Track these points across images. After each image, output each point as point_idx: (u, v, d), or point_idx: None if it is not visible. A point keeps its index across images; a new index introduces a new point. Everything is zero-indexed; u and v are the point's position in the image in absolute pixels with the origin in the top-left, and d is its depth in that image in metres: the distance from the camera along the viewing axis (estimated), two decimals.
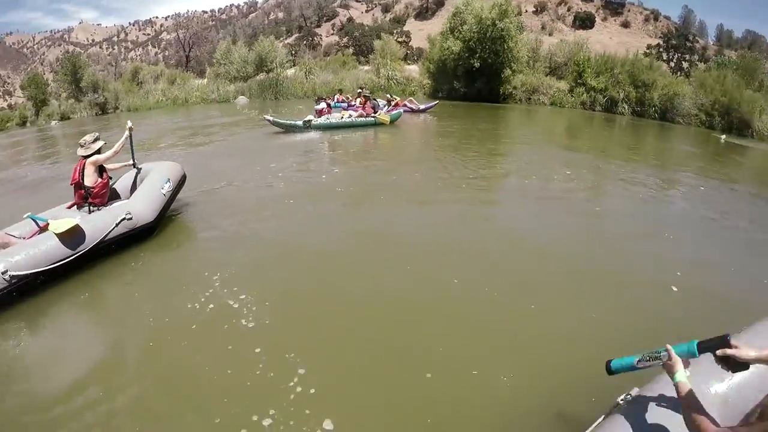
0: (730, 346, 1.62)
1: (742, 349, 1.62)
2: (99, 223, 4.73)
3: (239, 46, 39.49)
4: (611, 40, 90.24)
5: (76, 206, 5.23)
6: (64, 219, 4.59)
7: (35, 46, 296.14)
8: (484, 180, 8.55)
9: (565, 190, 8.18)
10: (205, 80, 40.30)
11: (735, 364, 1.65)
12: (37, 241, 4.38)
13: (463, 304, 4.26)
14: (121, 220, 4.85)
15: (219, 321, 3.87)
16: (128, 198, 5.60)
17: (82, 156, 5.22)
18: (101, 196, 5.25)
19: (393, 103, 19.23)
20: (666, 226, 6.54)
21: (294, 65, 46.68)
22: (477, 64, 28.65)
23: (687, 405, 1.63)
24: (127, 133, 5.74)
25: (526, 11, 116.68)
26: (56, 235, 4.36)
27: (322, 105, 14.68)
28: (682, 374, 1.71)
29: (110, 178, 5.42)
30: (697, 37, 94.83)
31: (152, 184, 5.60)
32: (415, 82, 33.64)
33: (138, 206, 5.16)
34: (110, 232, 4.74)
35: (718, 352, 1.66)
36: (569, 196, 7.79)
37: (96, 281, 4.53)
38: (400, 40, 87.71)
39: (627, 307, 4.19)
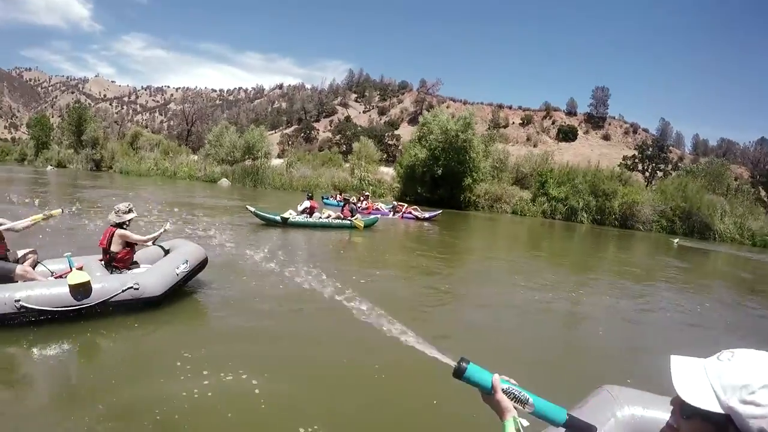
0: None
1: None
2: (107, 285, 5.09)
3: (231, 132, 41.23)
4: (592, 151, 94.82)
5: (104, 262, 5.78)
6: (82, 272, 5.00)
7: (50, 88, 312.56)
8: (450, 293, 8.38)
9: (539, 302, 8.05)
10: (197, 157, 41.97)
11: None
12: (51, 284, 4.89)
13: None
14: (128, 288, 5.15)
15: (218, 397, 3.73)
16: (152, 264, 6.06)
17: (114, 223, 5.67)
18: (124, 261, 5.73)
19: (401, 209, 20.09)
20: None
21: (283, 155, 48.45)
22: (439, 172, 30.02)
23: None
24: (162, 231, 6.23)
25: (513, 123, 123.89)
26: (69, 285, 4.80)
27: (306, 204, 14.93)
28: (512, 425, 1.22)
29: (135, 244, 5.89)
30: (672, 147, 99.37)
31: (169, 262, 5.87)
32: (386, 185, 35.12)
33: (148, 279, 5.43)
34: (115, 296, 5.07)
35: None
36: (546, 311, 7.68)
37: (96, 333, 4.80)
38: (390, 143, 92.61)
39: None
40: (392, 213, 19.96)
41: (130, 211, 5.77)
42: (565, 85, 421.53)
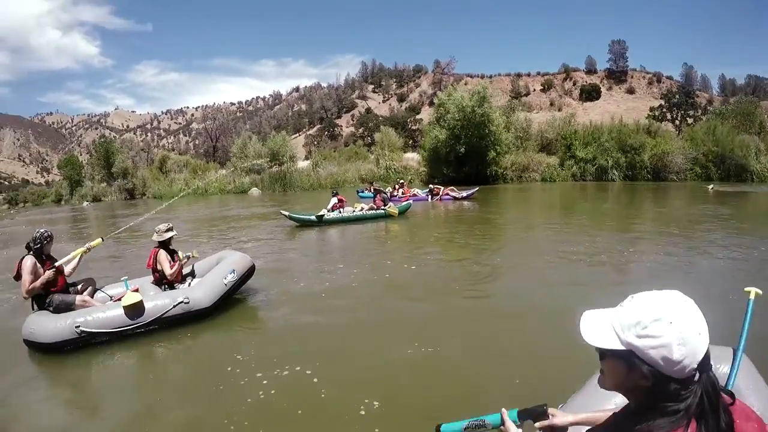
0: (547, 417, 1.55)
1: (559, 417, 1.58)
2: (159, 303, 5.39)
3: (254, 141, 42.02)
4: (618, 107, 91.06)
5: (155, 281, 6.07)
6: (135, 294, 5.34)
7: (73, 128, 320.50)
8: (489, 274, 7.86)
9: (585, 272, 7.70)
10: (225, 171, 42.47)
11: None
12: (107, 308, 5.22)
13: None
14: (179, 303, 5.42)
15: (282, 393, 3.87)
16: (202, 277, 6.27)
17: (157, 243, 6.00)
18: (173, 276, 6.02)
19: (438, 191, 20.20)
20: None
21: (310, 156, 48.95)
22: (462, 150, 29.82)
23: None
24: (184, 261, 6.30)
25: (534, 90, 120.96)
26: (123, 306, 5.13)
27: (333, 201, 15.18)
28: None
29: (180, 259, 6.19)
30: (699, 92, 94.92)
31: (217, 273, 6.09)
32: (412, 170, 35.12)
33: (197, 293, 5.68)
34: (167, 312, 5.35)
35: (537, 424, 1.56)
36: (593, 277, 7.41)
37: (154, 348, 5.10)
38: (414, 128, 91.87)
39: None
40: (430, 197, 20.23)
41: (169, 230, 6.08)
42: (581, 44, 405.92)
